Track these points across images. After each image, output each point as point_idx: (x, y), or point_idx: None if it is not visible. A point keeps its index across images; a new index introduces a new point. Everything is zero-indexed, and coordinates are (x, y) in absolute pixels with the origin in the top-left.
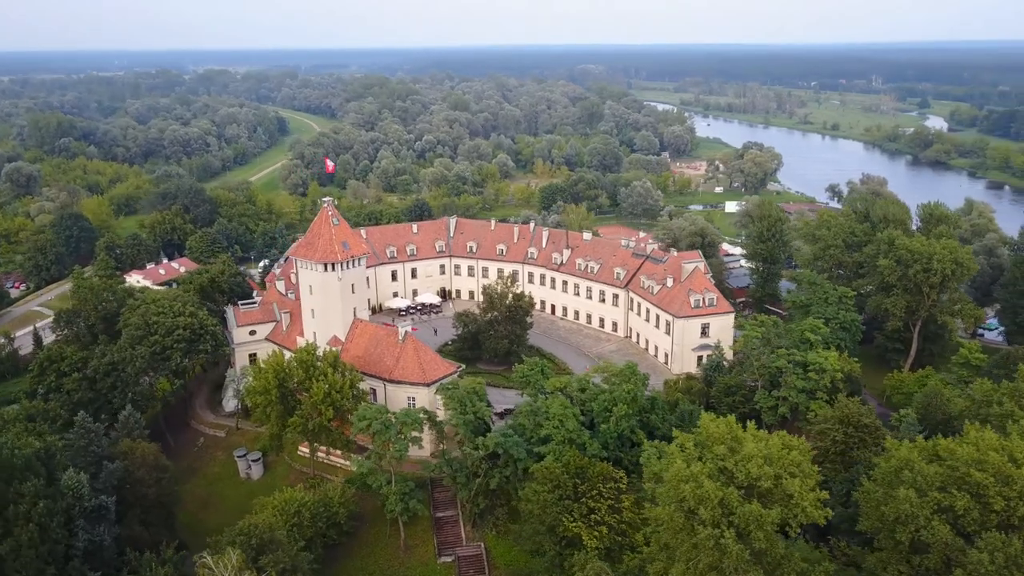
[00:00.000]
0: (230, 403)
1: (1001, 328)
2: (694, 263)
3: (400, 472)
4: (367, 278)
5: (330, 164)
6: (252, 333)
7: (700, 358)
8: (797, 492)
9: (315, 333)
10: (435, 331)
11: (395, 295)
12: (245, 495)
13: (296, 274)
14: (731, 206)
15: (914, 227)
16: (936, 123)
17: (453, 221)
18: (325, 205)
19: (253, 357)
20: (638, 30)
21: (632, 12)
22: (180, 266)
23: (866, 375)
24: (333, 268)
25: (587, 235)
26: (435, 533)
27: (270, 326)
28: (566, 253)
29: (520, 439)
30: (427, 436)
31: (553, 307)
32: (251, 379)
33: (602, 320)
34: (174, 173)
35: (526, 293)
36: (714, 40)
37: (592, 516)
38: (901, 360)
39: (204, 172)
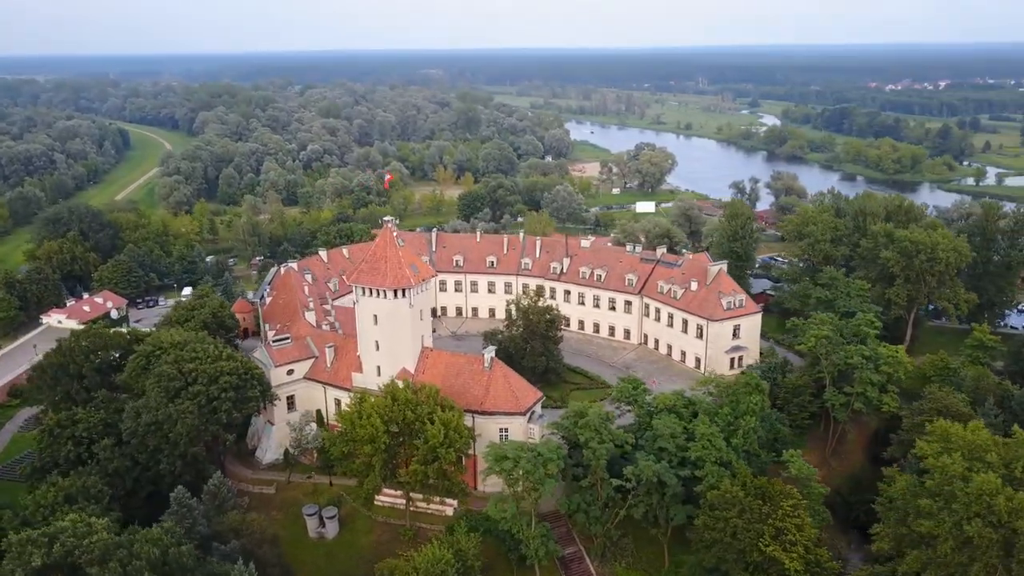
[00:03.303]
0: (269, 454)
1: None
2: (717, 265)
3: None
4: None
5: (387, 178)
6: (290, 373)
7: (732, 360)
8: None
9: (379, 367)
10: None
11: None
12: (324, 558)
13: (305, 300)
14: (643, 206)
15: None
16: (771, 121)
17: (434, 234)
18: (388, 225)
19: (291, 400)
20: (457, 35)
21: (436, 15)
22: (106, 301)
23: None
24: (404, 294)
25: (585, 242)
26: (563, 572)
27: (308, 363)
28: (566, 262)
29: (665, 463)
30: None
31: None
32: (324, 427)
33: (612, 328)
34: (30, 194)
35: (554, 306)
36: (543, 45)
37: (784, 537)
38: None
39: (58, 192)
